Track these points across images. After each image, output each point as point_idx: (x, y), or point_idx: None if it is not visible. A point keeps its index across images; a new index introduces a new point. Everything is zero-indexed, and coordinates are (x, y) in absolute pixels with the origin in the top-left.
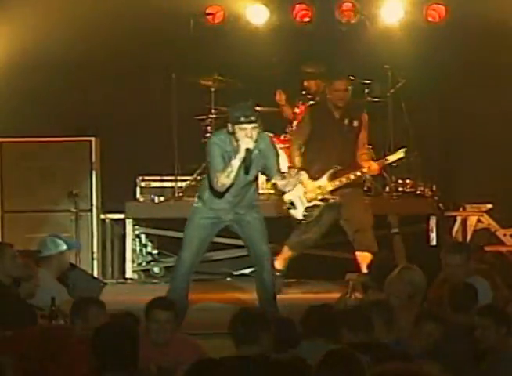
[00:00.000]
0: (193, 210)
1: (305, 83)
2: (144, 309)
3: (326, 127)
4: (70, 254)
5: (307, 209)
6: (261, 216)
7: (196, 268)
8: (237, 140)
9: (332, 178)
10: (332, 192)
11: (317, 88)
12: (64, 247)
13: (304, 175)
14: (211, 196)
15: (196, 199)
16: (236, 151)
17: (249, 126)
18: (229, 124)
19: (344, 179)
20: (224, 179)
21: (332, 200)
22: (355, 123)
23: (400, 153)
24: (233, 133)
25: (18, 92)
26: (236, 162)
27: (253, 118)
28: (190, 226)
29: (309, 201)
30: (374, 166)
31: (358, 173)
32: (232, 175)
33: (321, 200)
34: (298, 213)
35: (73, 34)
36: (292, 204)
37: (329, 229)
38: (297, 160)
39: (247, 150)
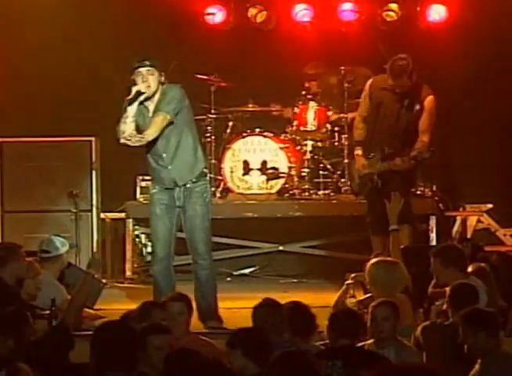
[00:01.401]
0: (150, 198)
1: (306, 84)
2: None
3: (384, 107)
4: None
5: (361, 181)
6: (204, 209)
7: (173, 260)
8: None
9: (381, 160)
10: (378, 175)
11: (317, 89)
12: (67, 246)
13: None
14: (150, 167)
15: (150, 182)
16: (142, 112)
17: (143, 69)
18: (132, 77)
19: (386, 165)
20: (121, 125)
21: (376, 181)
22: (417, 106)
23: (430, 152)
24: (135, 83)
25: (18, 92)
26: (129, 107)
27: (147, 62)
28: (153, 219)
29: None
30: (398, 162)
31: (398, 162)
32: (129, 121)
33: (369, 179)
34: (355, 186)
35: (72, 33)
36: (352, 177)
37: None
38: (357, 134)
39: (137, 91)
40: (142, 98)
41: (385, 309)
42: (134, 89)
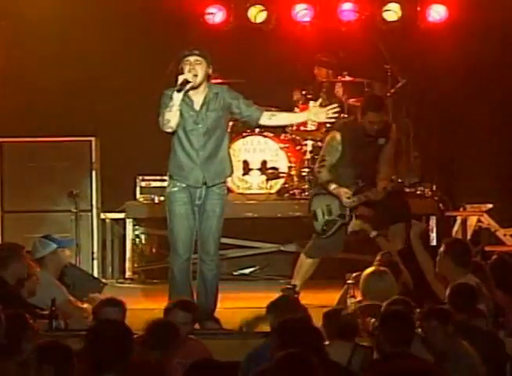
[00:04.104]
0: (168, 196)
1: (316, 70)
2: (164, 308)
3: (356, 148)
4: (64, 252)
5: (327, 223)
6: (222, 211)
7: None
8: None
9: (353, 194)
10: (351, 210)
11: (326, 77)
12: (53, 246)
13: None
14: (178, 165)
15: (168, 181)
16: (187, 103)
17: (192, 58)
18: (179, 66)
19: (362, 197)
20: (167, 114)
21: (348, 218)
22: (381, 141)
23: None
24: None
25: (18, 92)
26: (175, 95)
27: (197, 52)
28: (175, 218)
29: (330, 215)
30: (371, 195)
31: (363, 198)
32: (175, 109)
33: (339, 216)
34: (318, 226)
35: (73, 34)
36: (314, 215)
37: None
38: (324, 176)
39: (184, 80)
40: (188, 87)
41: None
42: (180, 78)
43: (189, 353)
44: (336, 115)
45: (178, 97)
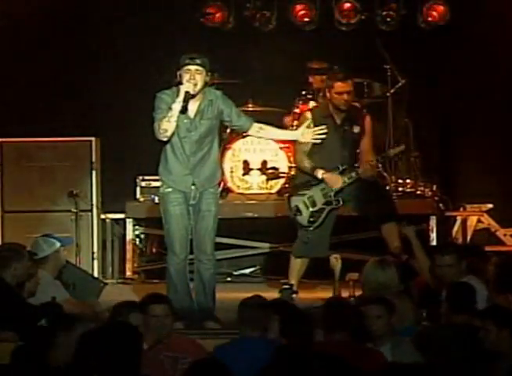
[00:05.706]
0: (163, 197)
1: (310, 79)
2: (139, 306)
3: (327, 133)
4: (64, 251)
5: (313, 215)
6: (217, 209)
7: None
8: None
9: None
10: (335, 194)
11: (322, 83)
12: (58, 244)
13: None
14: (168, 170)
15: (161, 182)
16: (182, 110)
17: (193, 67)
18: (177, 72)
19: (346, 179)
20: (165, 124)
21: (335, 203)
22: (356, 129)
23: (401, 147)
24: (180, 82)
25: (18, 92)
26: (175, 105)
27: (198, 61)
28: (171, 219)
29: (314, 206)
30: (366, 166)
31: (354, 174)
32: (173, 120)
33: (325, 203)
34: (304, 219)
35: (72, 34)
36: (298, 210)
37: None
38: (307, 163)
39: (187, 92)
40: (188, 97)
41: (376, 307)
42: (182, 90)
43: (176, 346)
44: (323, 136)
45: (177, 108)
